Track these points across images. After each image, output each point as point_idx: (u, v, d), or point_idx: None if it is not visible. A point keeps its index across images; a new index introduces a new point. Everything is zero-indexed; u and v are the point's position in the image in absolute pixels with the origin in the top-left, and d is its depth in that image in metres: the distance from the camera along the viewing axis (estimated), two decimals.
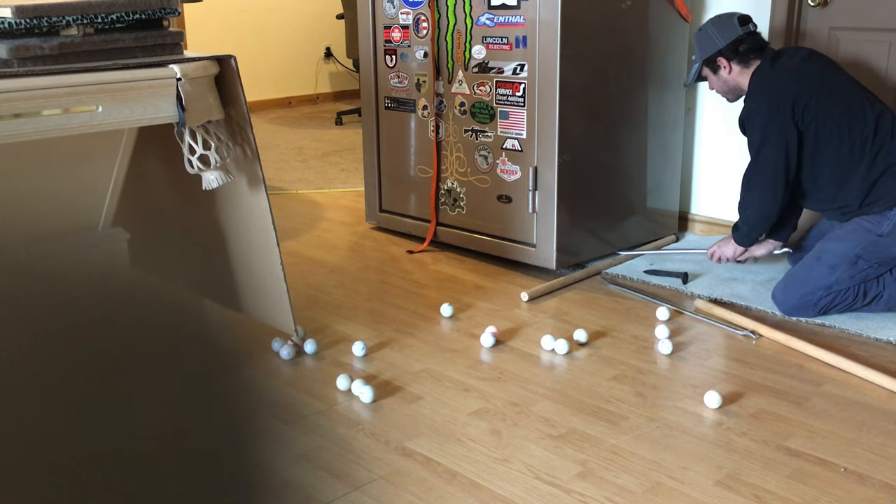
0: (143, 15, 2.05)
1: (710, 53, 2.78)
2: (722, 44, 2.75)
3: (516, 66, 2.97)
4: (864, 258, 2.60)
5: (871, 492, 1.83)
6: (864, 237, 2.61)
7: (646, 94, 3.21)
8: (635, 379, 2.33)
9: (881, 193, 2.62)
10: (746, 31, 2.75)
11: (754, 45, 2.76)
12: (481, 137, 3.15)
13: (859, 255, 2.60)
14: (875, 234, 2.60)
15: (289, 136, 5.70)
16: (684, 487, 1.84)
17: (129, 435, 0.59)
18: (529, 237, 3.09)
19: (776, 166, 2.67)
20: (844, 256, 2.62)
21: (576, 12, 2.85)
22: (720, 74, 2.82)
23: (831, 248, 2.67)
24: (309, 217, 3.84)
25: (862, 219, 2.65)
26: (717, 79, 2.84)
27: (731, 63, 2.77)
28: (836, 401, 2.21)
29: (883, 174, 2.61)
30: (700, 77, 2.89)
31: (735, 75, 2.79)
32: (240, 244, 2.45)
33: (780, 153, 2.66)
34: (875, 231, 2.61)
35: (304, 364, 2.43)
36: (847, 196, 2.67)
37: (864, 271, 2.61)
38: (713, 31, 2.78)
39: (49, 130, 1.91)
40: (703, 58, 2.81)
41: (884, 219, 2.60)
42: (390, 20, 3.33)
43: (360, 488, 1.83)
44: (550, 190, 2.98)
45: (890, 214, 2.59)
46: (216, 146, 2.13)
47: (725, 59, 2.77)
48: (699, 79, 2.90)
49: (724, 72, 2.80)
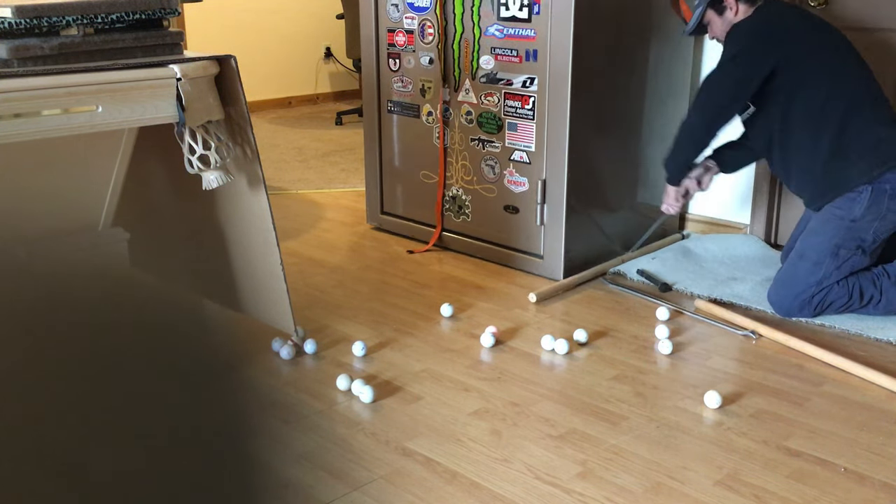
0: (143, 15, 2.05)
1: None
2: None
3: (526, 79, 2.96)
4: (843, 246, 2.60)
5: (871, 492, 1.83)
6: (837, 225, 2.61)
7: (652, 104, 3.21)
8: (635, 379, 2.33)
9: (842, 172, 2.60)
10: None
11: None
12: (488, 147, 3.15)
13: (839, 245, 2.60)
14: (848, 220, 2.60)
15: (289, 136, 5.70)
16: (684, 487, 1.84)
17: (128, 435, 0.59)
18: (537, 248, 3.09)
19: (732, 80, 2.64)
20: (825, 249, 2.61)
21: (587, 30, 2.84)
22: (725, 16, 2.72)
23: (810, 242, 2.67)
24: (309, 217, 3.84)
25: (832, 206, 2.64)
26: (720, 21, 2.73)
27: (738, 3, 2.69)
28: (836, 401, 2.21)
29: (849, 149, 2.59)
30: (700, 26, 2.79)
31: (741, 15, 2.69)
32: (240, 244, 2.45)
33: (745, 69, 2.62)
34: (847, 217, 2.60)
35: (304, 364, 2.43)
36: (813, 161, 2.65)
37: (848, 260, 2.61)
38: None
39: (49, 130, 1.91)
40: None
41: (853, 203, 2.59)
42: (394, 24, 3.32)
43: (360, 488, 1.83)
44: (559, 203, 2.98)
45: (857, 198, 2.58)
46: (216, 146, 2.13)
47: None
48: (699, 30, 2.81)
49: (730, 13, 2.71)
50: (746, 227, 3.44)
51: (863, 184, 2.57)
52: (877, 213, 2.58)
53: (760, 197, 3.37)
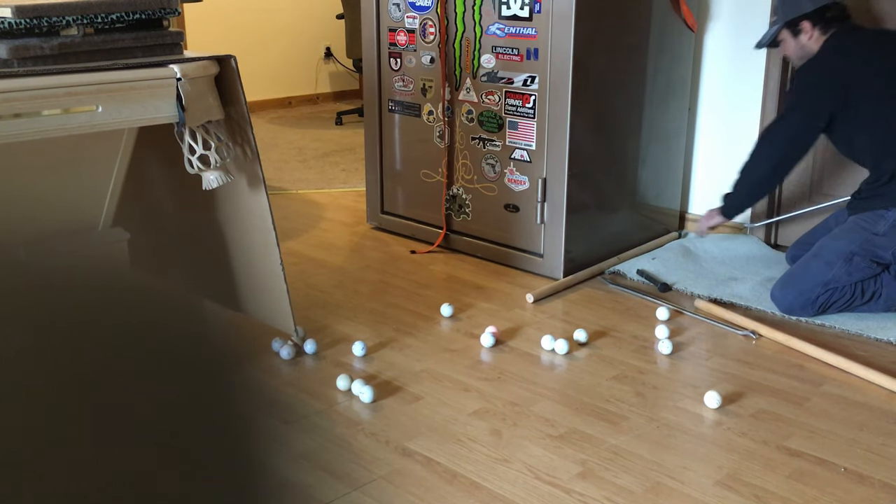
0: (143, 15, 2.05)
1: (795, 15, 2.71)
2: (810, 7, 2.69)
3: (527, 77, 2.96)
4: (858, 255, 2.61)
5: (871, 492, 1.83)
6: (859, 235, 2.63)
7: (652, 104, 3.21)
8: (635, 379, 2.32)
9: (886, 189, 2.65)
10: (835, 1, 2.70)
11: (839, 13, 2.71)
12: (489, 146, 3.14)
13: (854, 252, 2.62)
14: (871, 232, 2.62)
15: (289, 136, 5.70)
16: (684, 487, 1.84)
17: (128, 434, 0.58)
18: (537, 247, 3.09)
19: (795, 130, 2.70)
20: (840, 253, 2.63)
21: (588, 28, 2.84)
22: (800, 39, 2.74)
23: (828, 245, 2.69)
24: (309, 217, 3.84)
25: (859, 217, 2.68)
26: (794, 42, 2.75)
27: (815, 28, 2.70)
28: (836, 401, 2.21)
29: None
30: (774, 41, 2.80)
31: (813, 41, 2.71)
32: (240, 244, 2.45)
33: (804, 121, 2.69)
34: (871, 230, 2.63)
35: (304, 364, 2.43)
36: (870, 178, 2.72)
37: (861, 269, 2.61)
38: None
39: (49, 130, 1.91)
40: (786, 19, 2.72)
41: (879, 219, 2.63)
42: (395, 23, 3.32)
43: (360, 488, 1.83)
44: (559, 202, 2.98)
45: (886, 214, 2.61)
46: (216, 146, 2.13)
47: (810, 23, 2.70)
48: (773, 43, 2.82)
49: (804, 36, 2.73)
50: (746, 227, 3.44)
51: (893, 205, 2.62)
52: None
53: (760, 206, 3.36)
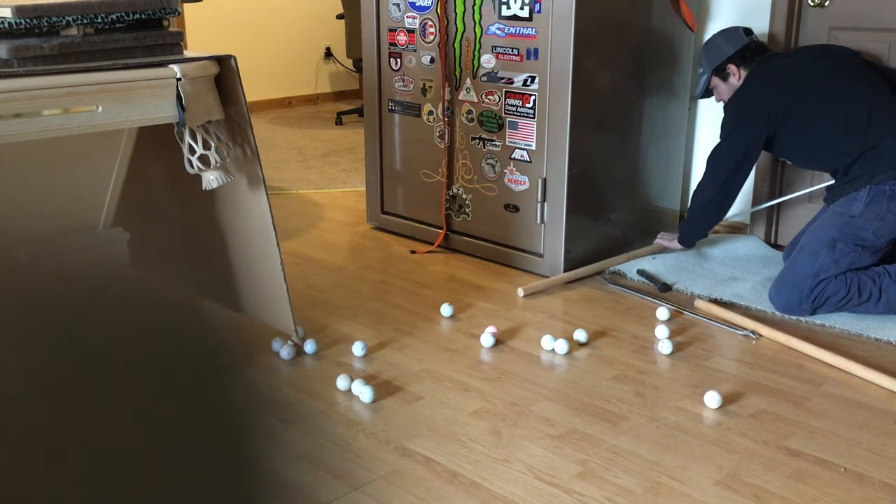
0: (143, 15, 2.05)
1: (719, 61, 2.92)
2: (731, 51, 2.90)
3: (527, 77, 2.96)
4: (840, 240, 2.65)
5: (871, 492, 1.83)
6: (838, 220, 2.69)
7: (652, 104, 3.21)
8: (635, 379, 2.32)
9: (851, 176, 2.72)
10: (751, 40, 2.92)
11: (757, 50, 2.93)
12: (489, 146, 3.14)
13: (836, 238, 2.66)
14: (848, 215, 2.68)
15: (289, 136, 5.70)
16: (684, 487, 1.84)
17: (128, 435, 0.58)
18: (537, 247, 3.09)
19: (734, 154, 2.84)
20: (823, 242, 2.68)
21: (588, 28, 2.85)
22: (730, 81, 2.95)
23: (811, 237, 2.75)
24: (309, 217, 3.84)
25: (835, 205, 2.74)
26: (726, 86, 2.96)
27: (740, 69, 2.91)
28: (836, 401, 2.21)
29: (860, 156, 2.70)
30: (707, 90, 3.01)
31: (741, 81, 2.91)
32: (240, 244, 2.45)
33: (741, 144, 2.83)
34: (847, 213, 2.68)
35: (304, 364, 2.43)
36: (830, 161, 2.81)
37: (846, 254, 2.65)
38: (721, 41, 2.94)
39: (49, 130, 1.91)
40: (712, 66, 2.95)
41: (852, 201, 2.68)
42: (395, 23, 3.32)
43: (360, 488, 1.83)
44: (559, 202, 2.98)
45: (857, 195, 2.67)
46: (216, 146, 2.13)
47: (735, 66, 2.91)
48: (706, 93, 3.03)
49: (733, 78, 2.94)
50: (747, 227, 3.44)
51: (863, 186, 2.67)
52: (876, 211, 2.63)
53: (760, 198, 3.36)
